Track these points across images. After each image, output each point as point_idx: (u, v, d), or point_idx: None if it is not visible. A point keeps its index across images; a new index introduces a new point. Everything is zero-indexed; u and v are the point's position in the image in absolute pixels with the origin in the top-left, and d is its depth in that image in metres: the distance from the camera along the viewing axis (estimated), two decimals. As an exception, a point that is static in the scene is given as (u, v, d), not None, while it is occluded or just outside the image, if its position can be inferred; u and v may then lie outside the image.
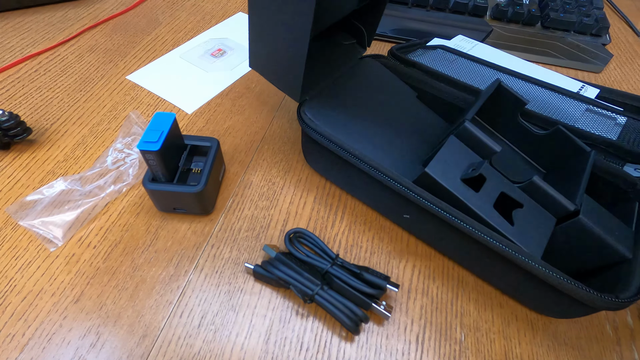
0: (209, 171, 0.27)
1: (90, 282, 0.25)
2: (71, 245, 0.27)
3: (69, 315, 0.24)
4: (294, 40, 0.24)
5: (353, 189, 0.30)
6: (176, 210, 0.29)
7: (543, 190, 0.24)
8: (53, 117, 0.35)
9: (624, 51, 0.50)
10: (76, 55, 0.42)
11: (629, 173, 0.26)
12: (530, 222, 0.24)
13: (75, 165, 0.32)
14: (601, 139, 0.28)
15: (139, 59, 0.42)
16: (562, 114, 0.32)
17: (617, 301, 0.20)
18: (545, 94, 0.34)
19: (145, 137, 0.24)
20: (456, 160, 0.25)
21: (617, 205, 0.26)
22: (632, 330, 0.26)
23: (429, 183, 0.24)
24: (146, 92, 0.39)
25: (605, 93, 0.35)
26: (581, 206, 0.23)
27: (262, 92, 0.40)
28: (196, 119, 0.37)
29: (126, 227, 0.28)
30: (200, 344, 0.23)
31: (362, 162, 0.25)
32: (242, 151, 0.34)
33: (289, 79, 0.27)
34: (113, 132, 0.35)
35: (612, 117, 0.32)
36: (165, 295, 0.25)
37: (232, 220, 0.29)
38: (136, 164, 0.31)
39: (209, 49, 0.44)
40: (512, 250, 0.21)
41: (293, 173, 0.33)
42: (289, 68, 0.26)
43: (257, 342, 0.23)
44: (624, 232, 0.23)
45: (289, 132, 0.36)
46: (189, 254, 0.27)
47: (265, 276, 0.25)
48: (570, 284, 0.20)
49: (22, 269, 0.26)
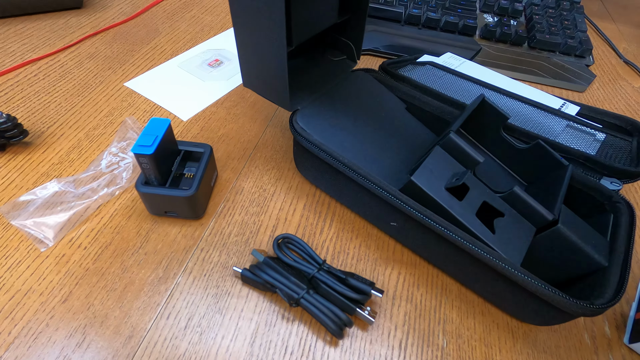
0: (201, 176, 0.28)
1: (79, 282, 0.26)
2: (62, 245, 0.27)
3: (56, 315, 0.24)
4: (275, 53, 0.26)
5: (342, 196, 0.31)
6: (167, 214, 0.29)
7: (523, 200, 0.25)
8: (50, 121, 0.36)
9: (606, 72, 0.52)
10: (76, 61, 0.43)
11: (605, 186, 0.27)
12: (511, 231, 0.24)
13: (70, 167, 0.32)
14: (579, 153, 0.30)
15: (137, 67, 0.43)
16: (544, 129, 0.34)
17: (592, 307, 0.20)
18: (527, 110, 0.36)
19: (140, 141, 0.25)
20: (441, 169, 0.26)
21: (593, 216, 0.27)
22: (610, 339, 0.26)
23: (414, 191, 0.25)
24: (143, 99, 0.40)
25: (586, 110, 0.36)
26: (559, 216, 0.24)
27: (257, 102, 0.41)
28: (191, 126, 0.38)
29: (117, 229, 0.29)
30: (185, 346, 0.23)
31: (351, 170, 0.26)
32: (235, 158, 0.35)
33: (278, 91, 0.28)
34: (109, 137, 0.35)
35: (592, 134, 0.33)
36: (153, 297, 0.25)
37: (222, 225, 0.30)
38: (130, 168, 0.32)
39: (207, 59, 0.46)
40: (492, 257, 0.22)
41: (284, 180, 0.34)
42: (275, 79, 0.28)
43: (243, 344, 0.24)
44: (600, 242, 0.24)
45: (282, 141, 0.37)
46: (179, 257, 0.27)
47: (253, 280, 0.26)
48: (547, 290, 0.21)
49: (12, 268, 0.26)
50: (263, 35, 0.25)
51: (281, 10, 0.23)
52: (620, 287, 0.21)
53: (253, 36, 0.26)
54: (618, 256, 0.23)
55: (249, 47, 0.27)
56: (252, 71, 0.29)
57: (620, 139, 0.33)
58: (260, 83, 0.30)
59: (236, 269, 0.26)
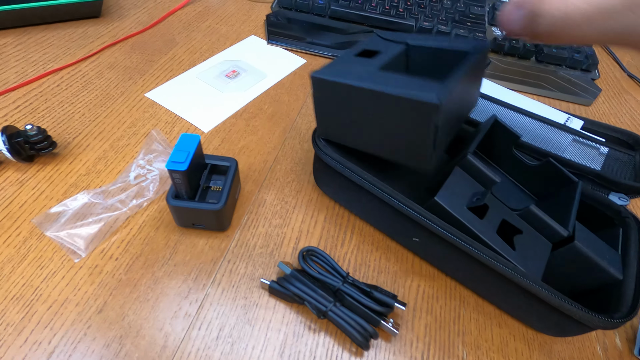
0: (229, 190, 0.29)
1: (113, 293, 0.27)
2: (94, 256, 0.28)
3: (93, 325, 0.25)
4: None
5: (363, 212, 0.32)
6: (195, 225, 0.30)
7: (539, 218, 0.26)
8: (75, 131, 0.37)
9: (611, 86, 0.54)
10: (96, 71, 0.44)
11: (613, 201, 0.29)
12: (530, 247, 0.26)
13: (97, 179, 0.33)
14: (588, 169, 0.31)
15: (156, 77, 0.44)
16: (552, 145, 0.35)
17: (612, 321, 0.22)
18: (535, 125, 0.37)
19: (173, 157, 0.26)
20: (461, 189, 0.27)
21: (603, 230, 0.29)
22: (621, 351, 0.27)
23: (437, 210, 0.26)
24: (164, 110, 0.41)
25: (589, 124, 0.38)
26: (574, 232, 0.25)
27: (274, 114, 0.42)
28: (212, 137, 0.39)
29: (146, 240, 0.30)
30: (218, 356, 0.24)
31: (376, 187, 0.27)
32: (256, 170, 0.36)
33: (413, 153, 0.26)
34: (133, 148, 0.36)
35: (596, 147, 0.35)
36: (184, 308, 0.26)
37: (247, 237, 0.31)
38: (157, 180, 0.32)
39: (224, 70, 0.47)
40: (517, 274, 0.23)
41: (304, 193, 0.35)
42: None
43: (272, 355, 0.25)
44: (613, 256, 0.25)
45: (300, 153, 0.38)
46: (207, 268, 0.28)
47: (280, 292, 0.27)
48: (570, 305, 0.22)
49: (47, 278, 0.27)
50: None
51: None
52: (637, 301, 0.23)
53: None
54: (631, 270, 0.24)
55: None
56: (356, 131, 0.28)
57: (623, 153, 0.34)
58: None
59: (264, 281, 0.27)
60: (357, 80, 0.24)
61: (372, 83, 0.23)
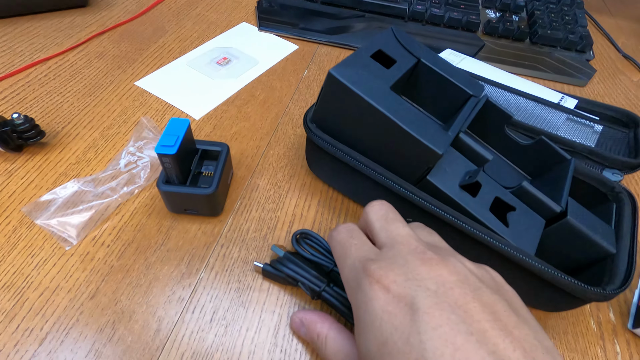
0: (220, 174, 0.29)
1: (105, 279, 0.26)
2: (85, 244, 0.28)
3: (85, 311, 0.25)
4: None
5: (356, 195, 0.32)
6: (187, 211, 0.30)
7: (532, 195, 0.26)
8: (64, 121, 0.36)
9: (606, 67, 0.53)
10: (85, 60, 0.43)
11: (607, 177, 0.28)
12: (523, 224, 0.25)
13: (87, 167, 0.33)
14: (581, 146, 0.31)
15: (146, 66, 0.44)
16: (545, 123, 0.35)
17: (605, 293, 0.22)
18: (528, 105, 0.37)
19: (162, 141, 0.26)
20: (454, 168, 0.27)
21: (596, 206, 0.28)
22: (614, 325, 0.28)
23: (430, 189, 0.26)
24: (155, 98, 0.40)
25: (583, 103, 0.38)
26: (567, 208, 0.25)
27: (267, 100, 0.42)
28: (204, 124, 0.38)
29: (138, 227, 0.29)
30: (212, 338, 0.24)
31: (369, 168, 0.27)
32: (249, 156, 0.36)
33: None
34: (123, 136, 0.36)
35: (590, 126, 0.35)
36: (178, 292, 0.26)
37: (240, 222, 0.31)
38: (148, 166, 0.32)
39: (215, 57, 0.46)
40: (510, 249, 0.23)
41: (297, 177, 0.34)
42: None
43: (267, 336, 0.25)
44: (606, 230, 0.25)
45: (293, 139, 0.38)
46: (200, 253, 0.28)
47: (274, 274, 0.26)
48: (564, 278, 0.22)
49: (38, 266, 0.27)
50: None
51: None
52: (629, 273, 0.23)
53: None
54: (624, 243, 0.24)
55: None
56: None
57: (617, 130, 0.34)
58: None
59: (257, 264, 0.27)
60: (372, 97, 0.25)
61: (387, 108, 0.25)
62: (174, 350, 0.24)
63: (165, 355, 0.23)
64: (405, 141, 0.25)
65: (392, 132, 0.25)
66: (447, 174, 0.26)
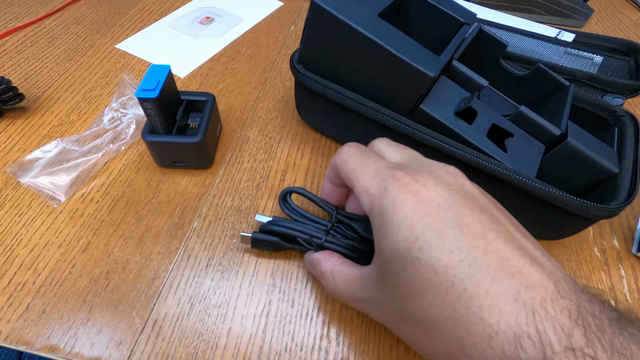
0: (207, 123, 0.28)
1: (96, 233, 0.26)
2: (74, 201, 0.27)
3: (78, 264, 0.24)
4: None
5: (349, 138, 0.31)
6: (176, 164, 0.29)
7: (530, 119, 0.25)
8: (44, 85, 0.35)
9: (604, 7, 0.52)
10: (62, 27, 0.42)
11: (608, 102, 0.27)
12: (522, 149, 0.25)
13: (71, 129, 0.32)
14: (581, 73, 0.29)
15: (126, 29, 0.42)
16: (542, 57, 0.34)
17: (610, 208, 0.21)
18: (525, 41, 0.36)
19: (143, 85, 0.25)
20: (448, 96, 0.26)
21: (598, 133, 0.28)
22: (619, 251, 0.27)
23: (424, 119, 0.25)
24: (137, 59, 0.39)
25: (581, 37, 0.36)
26: (567, 131, 0.24)
27: (253, 56, 0.40)
28: (189, 82, 0.37)
29: (127, 182, 0.29)
30: (209, 283, 0.24)
31: (360, 104, 0.26)
32: (238, 110, 0.35)
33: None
34: (106, 98, 0.35)
35: (589, 57, 0.33)
36: (172, 242, 0.26)
37: (232, 173, 0.30)
38: (133, 122, 0.31)
39: (197, 17, 0.44)
40: (509, 172, 0.22)
41: (289, 128, 0.33)
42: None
43: (264, 278, 0.24)
44: (608, 151, 0.24)
45: (282, 91, 0.37)
46: (192, 204, 0.28)
47: (266, 240, 0.24)
48: (565, 196, 0.21)
49: (27, 224, 0.26)
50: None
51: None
52: (633, 189, 0.22)
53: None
54: (627, 162, 0.24)
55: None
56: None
57: (617, 59, 0.33)
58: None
59: (245, 234, 0.24)
60: (359, 24, 0.23)
61: (375, 34, 0.23)
62: (171, 296, 0.23)
63: (162, 301, 0.23)
64: (395, 67, 0.23)
65: (382, 59, 0.24)
66: (441, 102, 0.25)
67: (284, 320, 0.23)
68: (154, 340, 0.21)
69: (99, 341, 0.21)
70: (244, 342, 0.22)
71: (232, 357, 0.21)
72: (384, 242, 0.17)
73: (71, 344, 0.21)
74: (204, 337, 0.22)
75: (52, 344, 0.21)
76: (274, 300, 0.23)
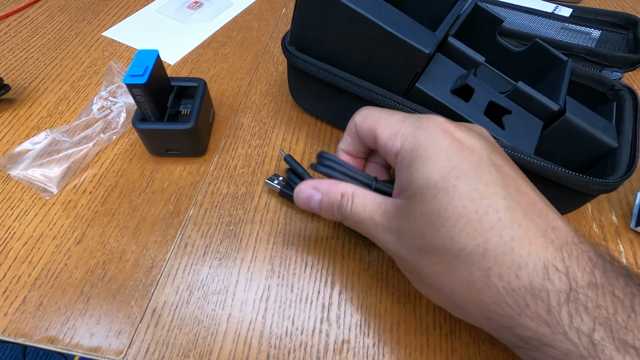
0: (199, 109, 0.27)
1: (91, 224, 0.25)
2: (66, 192, 0.27)
3: (73, 255, 0.24)
4: None
5: (344, 120, 0.30)
6: (169, 152, 0.28)
7: (528, 95, 0.24)
8: (31, 76, 0.34)
9: (601, -19, 0.50)
10: (46, 15, 0.40)
11: (606, 76, 0.27)
12: (520, 126, 0.24)
13: (60, 119, 0.31)
14: (579, 47, 0.29)
15: (113, 16, 0.41)
16: (539, 33, 0.33)
17: (608, 182, 0.21)
18: (521, 18, 0.35)
19: (131, 71, 0.24)
20: (444, 74, 0.25)
21: (596, 108, 0.27)
22: (617, 227, 0.27)
23: (421, 98, 0.24)
24: (125, 47, 0.38)
25: (579, 12, 0.35)
26: (565, 106, 0.24)
27: (244, 40, 0.39)
28: (179, 69, 0.36)
29: (120, 172, 0.28)
30: (207, 270, 0.24)
31: (355, 85, 0.25)
32: (230, 96, 0.34)
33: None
34: (95, 87, 0.34)
35: (587, 32, 0.33)
36: (168, 230, 0.25)
37: (226, 159, 0.29)
38: (123, 111, 0.30)
39: (185, 2, 0.43)
40: (506, 149, 0.22)
41: (283, 113, 0.33)
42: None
43: (263, 263, 0.24)
44: (607, 126, 0.24)
45: (275, 76, 0.36)
46: (187, 193, 0.27)
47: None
48: (564, 172, 0.21)
49: (19, 217, 0.25)
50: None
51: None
52: (632, 163, 0.22)
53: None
54: (626, 137, 0.23)
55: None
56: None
57: (615, 33, 0.32)
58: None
59: (270, 183, 0.26)
60: (351, 1, 0.23)
61: (367, 10, 0.23)
62: (169, 284, 0.23)
63: (160, 290, 0.23)
64: (389, 45, 0.23)
65: (375, 37, 0.23)
66: (437, 80, 0.24)
67: (284, 304, 0.22)
68: (153, 329, 0.21)
69: (98, 331, 0.21)
70: (244, 328, 0.21)
71: (233, 342, 0.21)
72: (415, 173, 0.16)
73: (70, 335, 0.21)
74: (204, 324, 0.21)
75: (50, 335, 0.21)
76: (273, 286, 0.23)
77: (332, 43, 0.25)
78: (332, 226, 0.26)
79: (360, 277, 0.24)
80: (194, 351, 0.21)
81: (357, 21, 0.23)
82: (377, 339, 0.21)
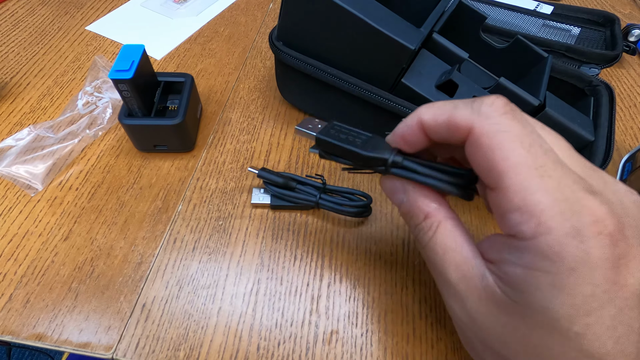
0: (187, 104, 0.27)
1: (78, 220, 0.25)
2: (52, 189, 0.26)
3: (60, 252, 0.24)
4: None
5: (331, 114, 0.31)
6: (157, 147, 0.28)
7: (510, 90, 0.25)
8: (11, 71, 0.34)
9: (581, -21, 0.52)
10: (27, 9, 0.40)
11: (584, 72, 0.28)
12: (501, 121, 0.25)
13: (44, 115, 0.31)
14: (559, 44, 0.30)
15: (97, 10, 0.40)
16: (521, 30, 0.34)
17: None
18: (503, 14, 0.36)
19: (117, 66, 0.24)
20: (428, 70, 0.26)
21: (575, 104, 0.28)
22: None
23: (406, 93, 0.25)
24: (109, 42, 0.37)
25: (559, 9, 0.36)
26: (545, 101, 0.25)
27: (232, 35, 0.39)
28: (166, 64, 0.36)
29: (107, 168, 0.28)
30: (196, 265, 0.24)
31: (342, 80, 0.26)
32: (218, 91, 0.34)
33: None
34: (79, 82, 0.33)
35: (567, 30, 0.34)
36: (157, 226, 0.25)
37: (215, 155, 0.29)
38: (109, 107, 0.30)
39: (171, -4, 0.43)
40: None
41: (271, 108, 0.33)
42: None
43: (252, 257, 0.24)
44: (584, 120, 0.25)
45: (263, 71, 0.36)
46: (175, 188, 0.27)
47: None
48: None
49: (3, 214, 0.25)
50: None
51: None
52: (607, 155, 0.23)
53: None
54: (602, 130, 0.24)
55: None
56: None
57: (594, 30, 0.34)
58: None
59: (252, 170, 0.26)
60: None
61: (353, 6, 0.23)
62: (158, 279, 0.23)
63: (149, 285, 0.23)
64: (375, 41, 0.23)
65: (361, 32, 0.23)
66: (422, 76, 0.25)
67: (274, 297, 0.23)
68: (143, 324, 0.21)
69: (87, 327, 0.21)
70: (235, 320, 0.22)
71: (223, 335, 0.21)
72: (538, 288, 0.13)
73: (59, 332, 0.21)
74: (194, 318, 0.22)
75: (38, 332, 0.21)
76: (263, 279, 0.23)
77: (319, 39, 0.26)
78: (321, 220, 0.26)
79: (349, 270, 0.24)
80: (184, 344, 0.21)
81: (343, 17, 0.23)
82: (365, 329, 0.22)
